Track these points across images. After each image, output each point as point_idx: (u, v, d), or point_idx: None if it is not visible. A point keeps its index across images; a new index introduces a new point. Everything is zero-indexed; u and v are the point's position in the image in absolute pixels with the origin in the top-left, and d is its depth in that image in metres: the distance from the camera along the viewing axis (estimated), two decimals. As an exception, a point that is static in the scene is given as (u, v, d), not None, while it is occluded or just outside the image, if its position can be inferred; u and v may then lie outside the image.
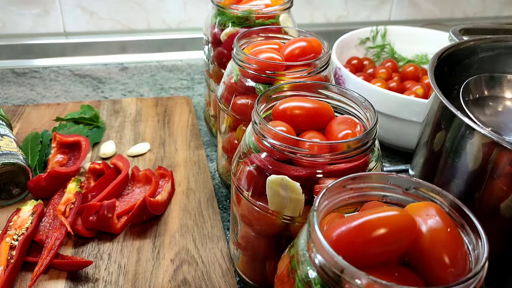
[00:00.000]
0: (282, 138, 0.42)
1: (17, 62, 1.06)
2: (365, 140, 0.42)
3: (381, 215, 0.32)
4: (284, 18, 0.68)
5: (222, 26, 0.69)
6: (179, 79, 1.04)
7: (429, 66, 0.57)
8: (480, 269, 0.30)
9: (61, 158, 0.71)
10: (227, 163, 0.65)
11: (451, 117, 0.51)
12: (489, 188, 0.48)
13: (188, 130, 0.83)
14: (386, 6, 1.24)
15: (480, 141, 0.47)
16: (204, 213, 0.65)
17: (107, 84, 1.00)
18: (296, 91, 0.50)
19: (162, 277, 0.56)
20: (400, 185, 0.37)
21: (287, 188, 0.42)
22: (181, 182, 0.71)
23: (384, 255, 0.32)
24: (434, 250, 0.32)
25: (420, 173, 0.60)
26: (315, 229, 0.32)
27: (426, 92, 0.82)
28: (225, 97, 0.59)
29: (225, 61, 0.69)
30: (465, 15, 1.31)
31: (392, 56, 0.97)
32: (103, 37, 1.11)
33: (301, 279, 0.33)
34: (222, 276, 0.56)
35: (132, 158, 0.76)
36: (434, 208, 0.34)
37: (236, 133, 0.59)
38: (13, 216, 0.60)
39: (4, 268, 0.53)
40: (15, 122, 0.82)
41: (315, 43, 0.58)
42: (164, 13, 1.12)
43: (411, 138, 0.73)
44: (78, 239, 0.60)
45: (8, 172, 0.64)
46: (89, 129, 0.80)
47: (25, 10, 1.05)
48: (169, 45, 1.13)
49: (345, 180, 0.37)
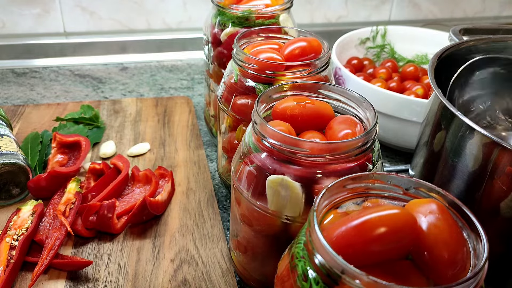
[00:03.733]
0: (282, 138, 0.42)
1: (17, 62, 1.06)
2: (365, 140, 0.42)
3: (381, 214, 0.32)
4: (284, 18, 0.68)
5: (222, 26, 0.69)
6: (179, 79, 1.04)
7: (429, 66, 0.57)
8: (480, 269, 0.30)
9: (61, 158, 0.71)
10: (227, 163, 0.65)
11: (451, 117, 0.51)
12: (489, 188, 0.48)
13: (188, 130, 0.83)
14: (386, 6, 1.24)
15: (480, 141, 0.47)
16: (204, 213, 0.65)
17: (107, 84, 1.00)
18: (296, 91, 0.50)
19: (162, 277, 0.56)
20: (400, 185, 0.37)
21: (287, 188, 0.42)
22: (181, 182, 0.71)
23: (385, 254, 0.32)
24: (435, 248, 0.32)
25: (420, 173, 0.60)
26: (315, 229, 0.32)
27: (426, 92, 0.82)
28: (225, 97, 0.59)
29: (225, 61, 0.69)
30: (465, 15, 1.31)
31: (392, 56, 0.97)
32: (103, 37, 1.11)
33: (301, 279, 0.33)
34: (222, 276, 0.56)
35: (132, 158, 0.76)
36: (435, 204, 0.34)
37: (236, 133, 0.59)
38: (13, 216, 0.60)
39: (4, 268, 0.53)
40: (15, 122, 0.82)
41: (315, 43, 0.58)
42: (164, 13, 1.12)
43: (411, 138, 0.73)
44: (78, 239, 0.60)
45: (8, 172, 0.64)
46: (89, 129, 0.80)
47: (25, 10, 1.05)
48: (169, 45, 1.13)
49: (345, 180, 0.37)
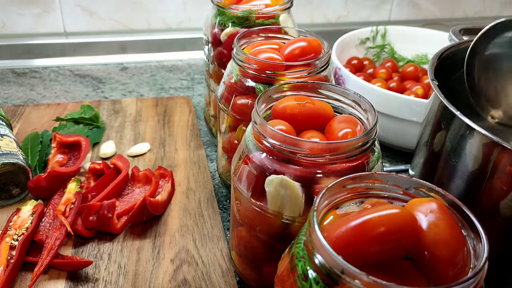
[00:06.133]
0: (282, 138, 0.42)
1: (17, 62, 1.06)
2: (365, 140, 0.42)
3: (381, 213, 0.32)
4: (284, 18, 0.68)
5: (222, 26, 0.69)
6: (179, 79, 1.04)
7: (429, 66, 0.57)
8: (480, 269, 0.30)
9: (61, 158, 0.71)
10: (227, 163, 0.65)
11: (451, 117, 0.51)
12: (489, 188, 0.48)
13: (188, 130, 0.83)
14: (386, 6, 1.24)
15: (480, 141, 0.47)
16: (204, 213, 0.65)
17: (107, 84, 1.00)
18: (296, 91, 0.50)
19: (162, 277, 0.56)
20: (400, 185, 0.37)
21: (287, 188, 0.42)
22: (181, 182, 0.71)
23: (385, 254, 0.32)
24: (435, 247, 0.32)
25: (420, 173, 0.60)
26: (315, 229, 0.32)
27: (426, 92, 0.82)
28: (225, 97, 0.59)
29: (225, 61, 0.69)
30: (465, 15, 1.31)
31: (392, 56, 0.97)
32: (103, 37, 1.11)
33: (301, 279, 0.33)
34: (222, 276, 0.56)
35: (132, 158, 0.76)
36: (436, 203, 0.34)
37: (236, 133, 0.59)
38: (13, 216, 0.60)
39: (4, 268, 0.53)
40: (15, 122, 0.82)
41: (315, 43, 0.58)
42: (164, 13, 1.12)
43: (411, 138, 0.73)
44: (78, 239, 0.60)
45: (8, 172, 0.64)
46: (89, 129, 0.80)
47: (25, 10, 1.05)
48: (169, 45, 1.13)
49: (345, 180, 0.37)
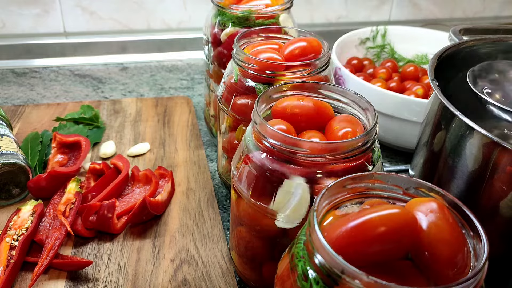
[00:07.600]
0: (282, 138, 0.42)
1: (17, 62, 1.06)
2: (365, 140, 0.42)
3: (381, 213, 0.32)
4: (284, 18, 0.68)
5: (222, 26, 0.69)
6: (179, 79, 1.04)
7: (429, 66, 0.57)
8: (480, 269, 0.30)
9: (61, 158, 0.71)
10: (227, 163, 0.65)
11: (451, 117, 0.51)
12: (489, 188, 0.48)
13: (188, 130, 0.83)
14: (386, 6, 1.24)
15: (480, 141, 0.47)
16: (204, 213, 0.65)
17: (107, 84, 1.00)
18: (296, 91, 0.50)
19: (162, 277, 0.56)
20: (400, 185, 0.37)
21: (300, 191, 0.42)
22: (181, 182, 0.71)
23: (385, 254, 0.32)
24: (435, 247, 0.32)
25: (420, 173, 0.60)
26: (315, 229, 0.32)
27: (426, 92, 0.82)
28: (225, 97, 0.59)
29: (225, 61, 0.69)
30: (465, 15, 1.31)
31: (392, 56, 0.97)
32: (103, 37, 1.11)
33: (301, 279, 0.33)
34: (222, 276, 0.56)
35: (132, 158, 0.75)
36: (436, 203, 0.34)
37: (236, 133, 0.59)
38: (13, 216, 0.60)
39: (4, 268, 0.53)
40: (15, 122, 0.82)
41: (315, 43, 0.58)
42: (164, 13, 1.12)
43: (411, 138, 0.73)
44: (78, 239, 0.60)
45: (8, 172, 0.64)
46: (89, 129, 0.80)
47: (25, 10, 1.05)
48: (169, 45, 1.13)
49: (345, 180, 0.37)
